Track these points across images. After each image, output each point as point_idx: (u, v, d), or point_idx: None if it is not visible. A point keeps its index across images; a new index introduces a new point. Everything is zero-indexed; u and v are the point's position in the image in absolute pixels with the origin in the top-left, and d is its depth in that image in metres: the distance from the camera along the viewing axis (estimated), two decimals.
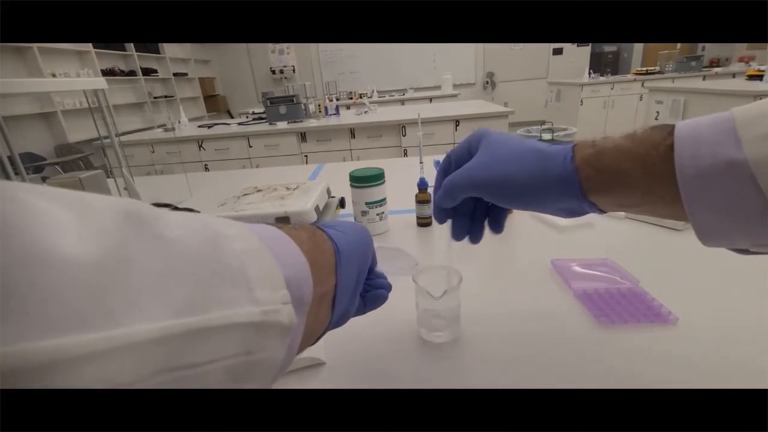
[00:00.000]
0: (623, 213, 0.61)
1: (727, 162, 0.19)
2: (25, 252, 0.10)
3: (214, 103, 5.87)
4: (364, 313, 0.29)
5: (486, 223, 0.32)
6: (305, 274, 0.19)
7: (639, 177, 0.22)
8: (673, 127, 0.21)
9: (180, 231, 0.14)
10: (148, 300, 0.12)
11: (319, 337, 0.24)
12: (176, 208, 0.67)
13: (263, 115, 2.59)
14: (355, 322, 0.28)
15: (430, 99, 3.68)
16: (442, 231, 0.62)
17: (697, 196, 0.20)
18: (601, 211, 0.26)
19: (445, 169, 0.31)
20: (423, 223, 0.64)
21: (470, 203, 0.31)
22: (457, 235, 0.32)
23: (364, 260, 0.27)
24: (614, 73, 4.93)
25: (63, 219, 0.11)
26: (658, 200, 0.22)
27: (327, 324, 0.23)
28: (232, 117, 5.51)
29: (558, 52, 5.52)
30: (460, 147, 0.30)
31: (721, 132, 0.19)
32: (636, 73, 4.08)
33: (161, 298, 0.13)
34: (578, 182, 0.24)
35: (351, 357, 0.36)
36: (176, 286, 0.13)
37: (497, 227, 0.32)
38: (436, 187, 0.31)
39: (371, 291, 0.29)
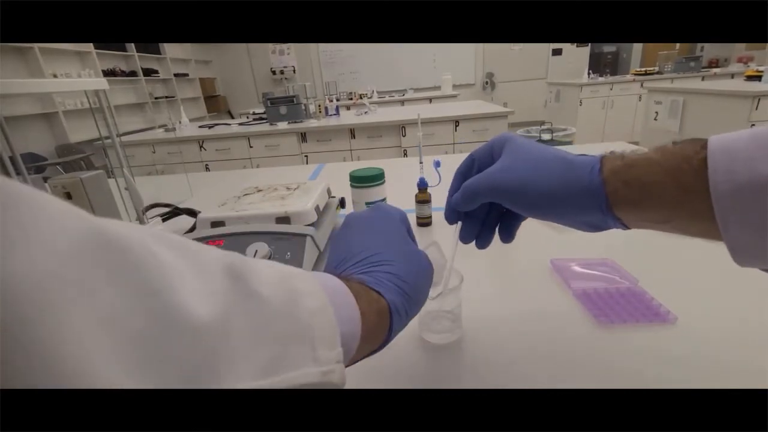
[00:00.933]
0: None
1: (766, 178, 0.18)
2: (170, 316, 0.12)
3: (215, 104, 5.87)
4: None
5: (497, 230, 0.32)
6: (356, 331, 0.20)
7: (670, 191, 0.21)
8: (706, 141, 0.20)
9: (269, 289, 0.16)
10: (243, 361, 0.14)
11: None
12: (177, 208, 0.67)
13: (264, 116, 2.59)
14: None
15: (430, 99, 3.68)
16: (441, 231, 0.62)
17: (732, 212, 0.19)
18: (625, 227, 0.25)
19: (465, 171, 0.30)
20: (423, 223, 0.64)
21: (485, 208, 0.31)
22: (466, 237, 0.32)
23: (419, 307, 0.26)
24: (613, 73, 4.93)
25: (187, 278, 0.13)
26: (689, 216, 0.21)
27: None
28: (232, 117, 5.51)
29: (557, 52, 5.52)
30: (483, 150, 0.29)
31: (759, 147, 0.19)
32: (635, 74, 4.08)
33: (251, 358, 0.14)
34: (605, 194, 0.23)
35: None
36: (263, 347, 0.15)
37: (507, 236, 0.31)
38: (454, 188, 0.30)
39: None
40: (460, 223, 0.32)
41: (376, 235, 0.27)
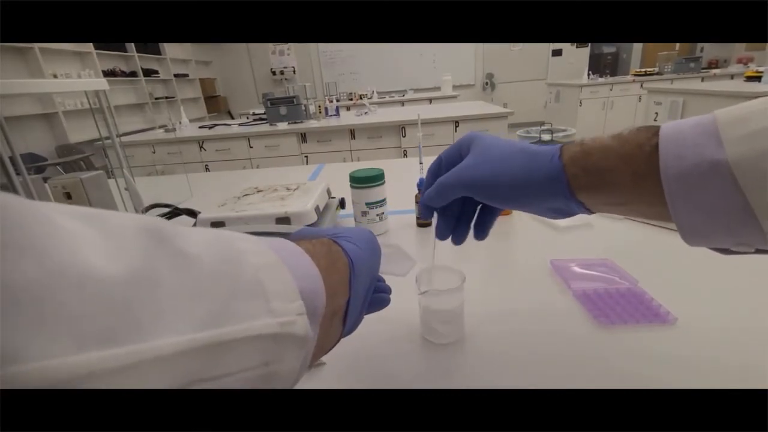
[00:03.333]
0: (619, 214, 0.61)
1: (710, 162, 0.19)
2: (61, 270, 0.10)
3: (215, 104, 5.88)
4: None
5: (472, 226, 0.33)
6: (318, 287, 0.20)
7: (624, 176, 0.22)
8: (658, 128, 0.22)
9: (199, 248, 0.15)
10: (172, 315, 0.13)
11: (330, 350, 0.24)
12: (177, 209, 0.67)
13: (264, 116, 2.59)
14: None
15: (430, 100, 3.68)
16: None
17: (681, 195, 0.21)
18: (590, 211, 0.26)
19: (435, 170, 0.32)
20: (423, 223, 0.64)
21: (458, 204, 0.32)
22: (441, 234, 0.33)
23: (374, 272, 0.27)
24: (613, 74, 4.93)
25: (90, 238, 0.12)
26: (643, 200, 0.23)
27: (338, 338, 0.24)
28: (232, 118, 5.51)
29: (557, 53, 5.52)
30: (451, 149, 0.31)
31: (703, 133, 0.20)
32: (635, 74, 4.09)
33: (185, 313, 0.13)
34: (566, 180, 0.24)
35: (352, 357, 0.36)
36: (198, 302, 0.14)
37: (481, 232, 0.32)
38: (425, 187, 0.31)
39: (375, 295, 0.29)
40: (435, 218, 0.33)
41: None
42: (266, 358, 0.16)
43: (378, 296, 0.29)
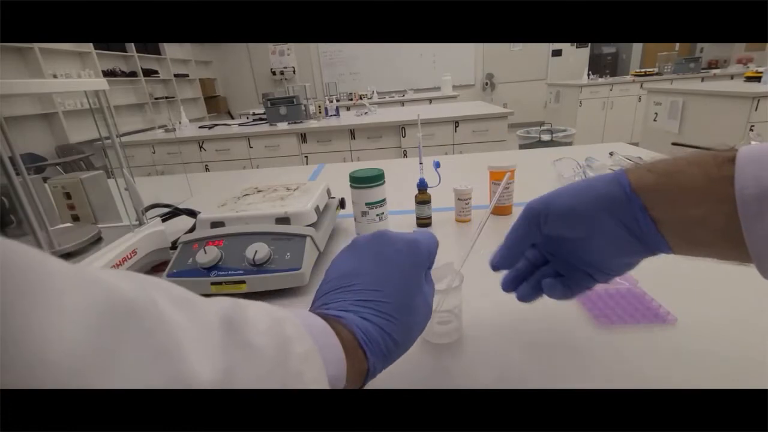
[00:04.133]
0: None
1: None
2: (173, 378, 0.14)
3: (215, 104, 5.88)
4: None
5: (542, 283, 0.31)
6: (341, 374, 0.22)
7: (696, 177, 0.21)
8: (733, 148, 0.20)
9: (261, 339, 0.18)
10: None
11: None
12: (177, 209, 0.67)
13: (263, 116, 2.59)
14: None
15: (430, 100, 3.68)
16: (441, 232, 0.62)
17: (757, 216, 0.19)
18: (668, 248, 0.24)
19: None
20: (422, 223, 0.64)
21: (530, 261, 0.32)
22: (508, 285, 0.32)
23: (413, 335, 0.27)
24: (613, 74, 4.93)
25: (190, 334, 0.15)
26: (720, 211, 0.20)
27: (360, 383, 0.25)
28: (232, 118, 5.51)
29: (557, 53, 5.52)
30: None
31: None
32: (635, 75, 4.09)
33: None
34: (627, 180, 0.23)
35: None
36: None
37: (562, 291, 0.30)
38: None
39: None
40: (480, 226, 0.33)
41: (392, 276, 0.26)
42: None
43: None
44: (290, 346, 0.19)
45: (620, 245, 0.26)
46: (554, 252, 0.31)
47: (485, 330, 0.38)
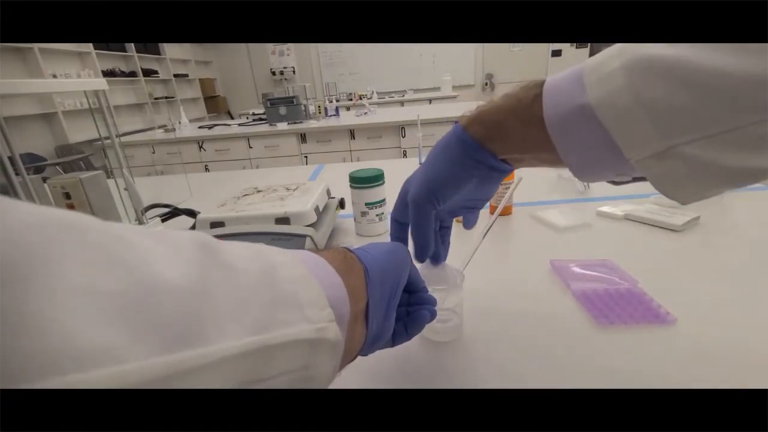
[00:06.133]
0: (620, 213, 0.61)
1: (578, 106, 0.22)
2: (143, 280, 0.12)
3: (215, 104, 5.87)
4: (409, 338, 0.29)
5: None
6: (342, 294, 0.21)
7: (515, 126, 0.26)
8: (542, 81, 0.25)
9: (242, 261, 0.17)
10: (229, 322, 0.14)
11: (355, 356, 0.25)
12: (176, 209, 0.67)
13: (263, 116, 2.59)
14: None
15: (430, 100, 3.68)
16: None
17: (562, 138, 0.23)
18: (508, 165, 0.29)
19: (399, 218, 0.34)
20: None
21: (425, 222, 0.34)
22: (425, 251, 0.34)
23: (395, 279, 0.27)
24: None
25: (158, 251, 0.13)
26: (538, 147, 0.25)
27: (363, 342, 0.24)
28: (232, 118, 5.51)
29: (557, 53, 5.53)
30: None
31: (573, 81, 0.23)
32: None
33: (238, 320, 0.15)
34: (470, 137, 0.28)
35: None
36: (247, 310, 0.15)
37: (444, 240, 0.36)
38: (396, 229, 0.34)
39: (413, 312, 0.29)
40: (485, 229, 0.36)
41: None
42: (305, 362, 0.18)
43: (417, 314, 0.29)
44: (278, 271, 0.18)
45: (485, 180, 0.31)
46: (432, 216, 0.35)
47: (486, 329, 0.38)
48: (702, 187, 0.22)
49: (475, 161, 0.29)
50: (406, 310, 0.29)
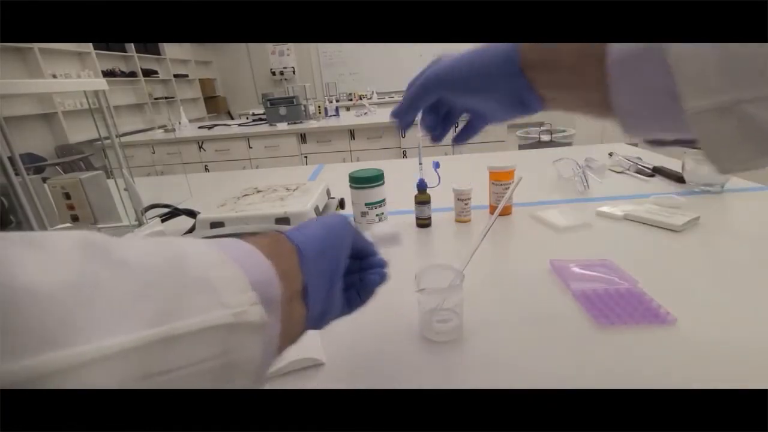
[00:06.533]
0: (620, 213, 0.61)
1: (645, 46, 0.21)
2: (3, 291, 0.12)
3: (215, 105, 5.87)
4: (363, 303, 0.29)
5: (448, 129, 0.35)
6: (270, 276, 0.21)
7: (571, 54, 0.24)
8: None
9: (139, 255, 0.16)
10: (117, 317, 0.14)
11: (300, 335, 0.24)
12: (176, 209, 0.67)
13: (263, 116, 2.59)
14: (355, 321, 0.28)
15: None
16: (441, 232, 0.62)
17: (620, 77, 0.22)
18: (541, 103, 0.27)
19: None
20: (422, 224, 0.64)
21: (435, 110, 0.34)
22: (429, 127, 0.34)
23: (335, 252, 0.27)
24: None
25: (26, 259, 0.13)
26: (586, 82, 0.24)
27: (304, 320, 0.24)
28: (232, 118, 5.51)
29: None
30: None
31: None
32: None
33: (130, 314, 0.14)
34: (518, 54, 0.26)
35: (351, 356, 0.36)
36: (144, 303, 0.15)
37: (461, 137, 0.35)
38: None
39: (364, 278, 0.29)
40: (485, 230, 0.34)
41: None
42: (223, 347, 0.17)
43: (367, 279, 0.29)
44: (187, 260, 0.17)
45: (505, 107, 0.29)
46: (442, 101, 0.34)
47: (485, 329, 0.38)
48: (753, 154, 0.20)
49: (507, 87, 0.27)
50: (359, 277, 0.30)
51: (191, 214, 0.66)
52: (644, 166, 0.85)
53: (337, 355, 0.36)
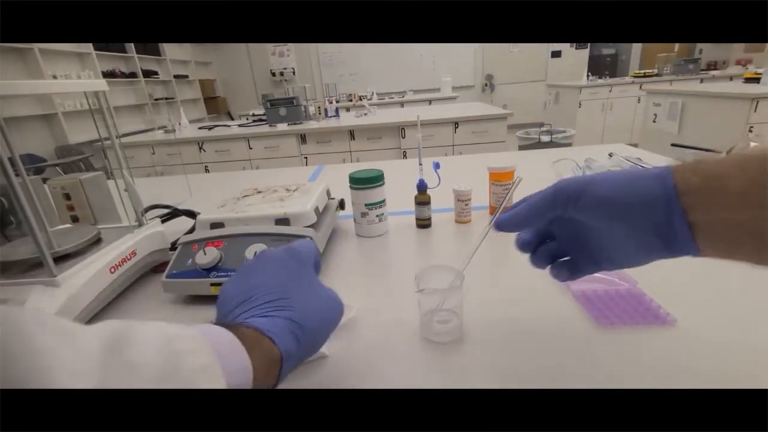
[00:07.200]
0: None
1: None
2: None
3: (215, 105, 5.88)
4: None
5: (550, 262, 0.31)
6: (247, 380, 0.22)
7: (736, 180, 0.21)
8: None
9: (144, 357, 0.18)
10: None
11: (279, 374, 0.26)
12: (176, 210, 0.67)
13: (263, 117, 2.59)
14: (355, 321, 0.28)
15: (430, 101, 3.69)
16: (441, 233, 0.62)
17: None
18: (696, 247, 0.23)
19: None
20: (422, 224, 0.64)
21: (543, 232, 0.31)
22: (523, 244, 0.31)
23: (323, 339, 0.29)
24: (612, 75, 4.94)
25: (63, 358, 0.15)
26: (755, 212, 0.20)
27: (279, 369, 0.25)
28: (232, 119, 5.52)
29: (556, 54, 5.53)
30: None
31: None
32: (634, 76, 4.10)
33: None
34: (672, 181, 0.22)
35: (351, 356, 0.36)
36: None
37: (564, 271, 0.30)
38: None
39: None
40: (485, 230, 0.33)
41: (283, 278, 0.29)
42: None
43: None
44: (181, 361, 0.19)
45: (644, 245, 0.25)
46: (568, 232, 0.30)
47: (486, 329, 0.38)
48: None
49: (656, 219, 0.23)
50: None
51: (191, 214, 0.66)
52: (644, 167, 0.85)
53: (336, 356, 0.36)
